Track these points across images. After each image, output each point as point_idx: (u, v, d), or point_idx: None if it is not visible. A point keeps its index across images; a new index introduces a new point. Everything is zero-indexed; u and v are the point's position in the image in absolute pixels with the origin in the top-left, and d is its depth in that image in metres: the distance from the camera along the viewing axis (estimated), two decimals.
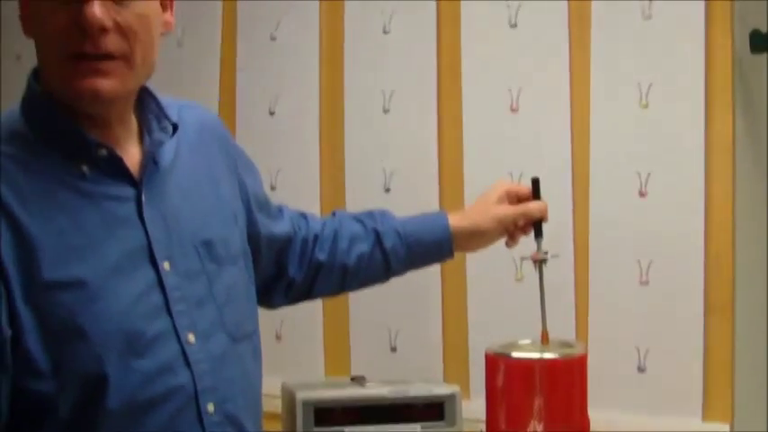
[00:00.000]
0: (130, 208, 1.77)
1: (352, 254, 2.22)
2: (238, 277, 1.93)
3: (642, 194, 2.69)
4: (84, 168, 1.73)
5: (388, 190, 3.06)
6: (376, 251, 2.23)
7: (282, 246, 2.17)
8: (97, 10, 1.66)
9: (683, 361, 2.61)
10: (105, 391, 1.67)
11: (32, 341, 1.64)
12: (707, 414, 2.61)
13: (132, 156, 1.80)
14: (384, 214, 2.27)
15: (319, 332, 3.13)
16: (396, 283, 2.33)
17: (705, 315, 2.60)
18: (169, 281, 1.77)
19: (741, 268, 2.59)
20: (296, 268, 2.19)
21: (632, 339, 2.68)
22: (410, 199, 2.97)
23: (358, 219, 2.27)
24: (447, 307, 2.96)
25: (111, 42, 1.69)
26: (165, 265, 1.77)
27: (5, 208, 1.64)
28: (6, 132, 1.72)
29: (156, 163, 1.82)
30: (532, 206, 2.25)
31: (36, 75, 1.77)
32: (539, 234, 2.24)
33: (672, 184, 2.67)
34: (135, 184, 1.78)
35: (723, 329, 2.59)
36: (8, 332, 1.62)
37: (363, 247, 2.22)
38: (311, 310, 3.02)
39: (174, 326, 1.76)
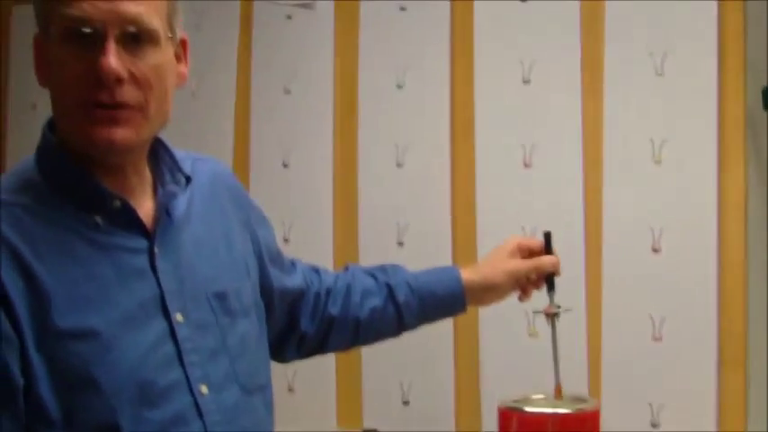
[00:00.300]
0: (143, 259, 1.76)
1: (364, 308, 2.21)
2: (251, 329, 1.93)
3: (655, 250, 2.69)
4: (98, 219, 1.73)
5: (401, 243, 3.06)
6: (389, 305, 2.21)
7: (295, 299, 2.16)
8: (113, 60, 1.67)
9: (696, 416, 2.60)
10: None
11: (45, 390, 1.63)
12: None
13: (146, 207, 1.80)
14: (396, 268, 2.26)
15: (332, 384, 3.13)
16: (409, 336, 2.33)
17: (718, 370, 2.59)
18: (182, 332, 1.77)
19: (754, 323, 2.58)
20: (308, 322, 2.18)
21: (645, 394, 2.67)
22: (423, 252, 2.98)
23: (370, 273, 2.26)
24: (459, 361, 2.96)
25: (127, 92, 1.69)
26: (178, 317, 1.77)
27: (19, 257, 1.64)
28: (21, 182, 1.73)
29: (169, 215, 1.82)
30: (545, 260, 2.24)
31: (51, 125, 1.77)
32: (551, 288, 2.23)
33: (685, 240, 2.68)
34: (148, 235, 1.77)
35: (736, 384, 2.58)
36: (21, 381, 1.61)
37: (376, 300, 2.21)
38: (324, 362, 3.00)
39: (187, 377, 1.75)
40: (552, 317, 2.21)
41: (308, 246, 3.19)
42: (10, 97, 3.87)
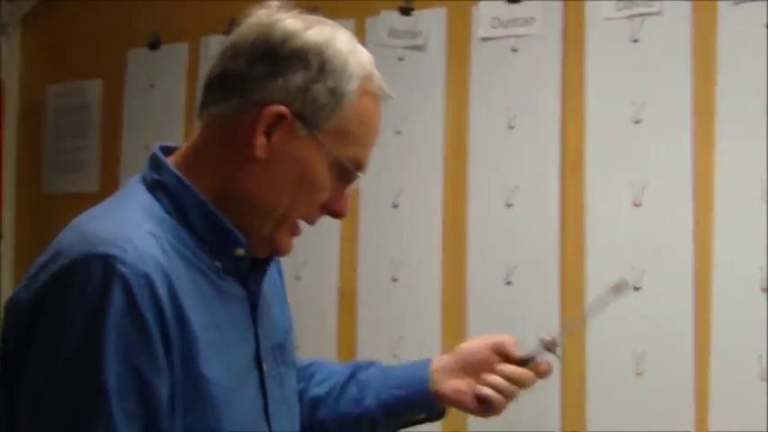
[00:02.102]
0: (247, 309, 1.75)
1: (324, 386, 2.03)
2: (295, 381, 1.92)
3: (764, 290, 2.66)
4: (218, 264, 1.70)
5: (509, 283, 3.07)
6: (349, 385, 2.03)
7: None
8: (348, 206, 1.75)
9: None
10: None
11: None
12: None
13: None
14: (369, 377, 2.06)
15: None
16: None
17: None
18: (268, 383, 1.76)
19: None
20: None
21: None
22: (532, 292, 2.98)
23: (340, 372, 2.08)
24: (565, 400, 2.95)
25: None
26: (265, 368, 1.76)
27: (174, 293, 1.59)
28: (155, 218, 1.66)
29: (262, 268, 1.79)
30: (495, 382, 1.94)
31: (161, 162, 1.72)
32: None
33: None
34: (245, 283, 1.75)
35: None
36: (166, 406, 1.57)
37: (338, 379, 2.03)
38: None
39: (270, 428, 1.75)
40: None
41: (417, 286, 3.22)
42: (124, 139, 3.95)
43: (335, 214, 1.74)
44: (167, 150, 1.76)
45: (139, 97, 3.89)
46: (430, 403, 1.99)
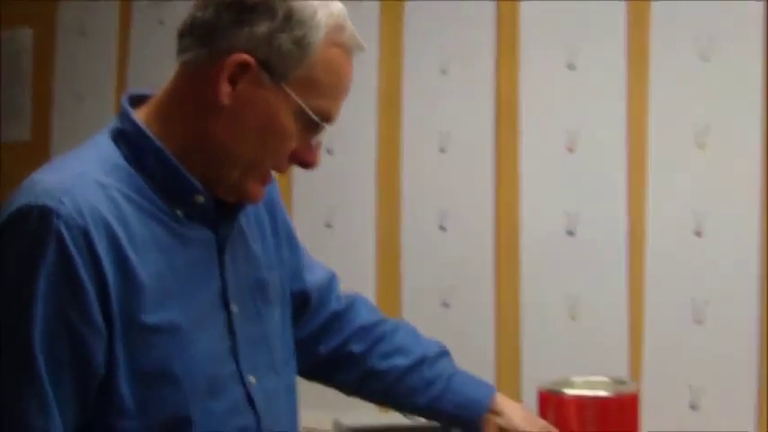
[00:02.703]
0: (213, 253, 1.76)
1: (386, 362, 2.08)
2: (283, 319, 1.94)
3: (698, 234, 2.68)
4: (179, 212, 1.71)
5: (443, 228, 3.07)
6: (413, 375, 2.08)
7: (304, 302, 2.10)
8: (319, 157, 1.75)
9: (735, 400, 2.59)
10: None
11: (123, 382, 1.63)
12: None
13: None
14: (441, 357, 2.13)
15: None
16: (449, 319, 2.32)
17: (759, 354, 2.57)
18: (237, 324, 1.78)
19: None
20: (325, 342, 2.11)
21: (685, 377, 2.66)
22: (465, 237, 2.99)
23: (420, 341, 2.13)
24: (500, 345, 2.96)
25: None
26: (234, 309, 1.78)
27: (117, 244, 1.62)
28: (110, 166, 1.68)
29: (235, 211, 1.81)
30: None
31: (131, 103, 1.74)
32: None
33: (728, 223, 2.66)
34: (214, 227, 1.77)
35: None
36: (101, 372, 1.61)
37: (402, 362, 2.08)
38: None
39: (239, 368, 1.77)
40: None
41: (351, 232, 3.22)
42: (56, 88, 3.92)
43: (305, 164, 1.75)
44: (142, 98, 1.77)
45: (71, 45, 3.84)
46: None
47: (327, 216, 3.24)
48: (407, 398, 2.09)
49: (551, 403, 2.18)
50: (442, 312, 3.04)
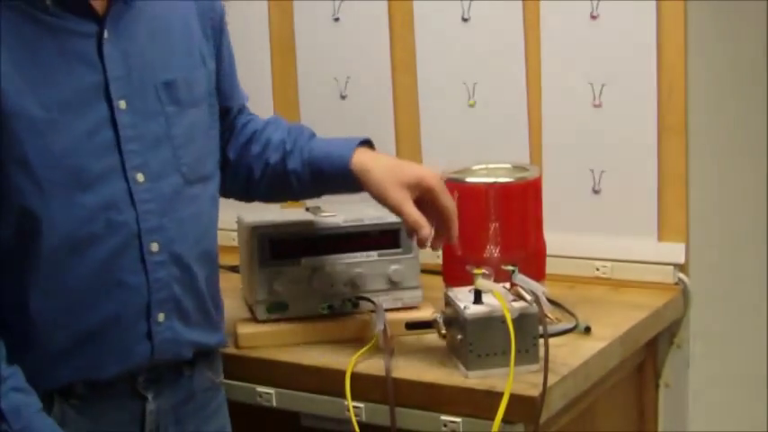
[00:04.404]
0: (91, 45, 1.76)
1: (259, 160, 2.18)
2: (200, 120, 1.95)
3: (593, 17, 2.64)
4: (48, 1, 1.72)
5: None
6: (279, 167, 2.16)
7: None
8: None
9: (637, 182, 2.60)
10: (43, 225, 1.70)
11: None
12: (662, 234, 2.61)
13: None
14: (302, 135, 2.20)
15: None
16: (349, 109, 2.27)
17: (658, 135, 2.58)
18: (123, 119, 1.78)
19: (693, 88, 2.57)
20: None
21: (587, 162, 2.67)
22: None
23: (289, 130, 2.21)
24: (400, 135, 2.94)
25: None
26: (121, 104, 1.78)
27: None
28: None
29: (125, 1, 1.81)
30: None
31: None
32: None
33: (624, 6, 2.62)
34: (99, 20, 1.77)
35: (676, 149, 2.58)
36: None
37: (273, 157, 2.17)
38: None
39: (123, 164, 1.78)
40: None
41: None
42: None
43: None
44: None
45: None
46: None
47: None
48: (291, 189, 2.18)
49: (455, 191, 2.18)
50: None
